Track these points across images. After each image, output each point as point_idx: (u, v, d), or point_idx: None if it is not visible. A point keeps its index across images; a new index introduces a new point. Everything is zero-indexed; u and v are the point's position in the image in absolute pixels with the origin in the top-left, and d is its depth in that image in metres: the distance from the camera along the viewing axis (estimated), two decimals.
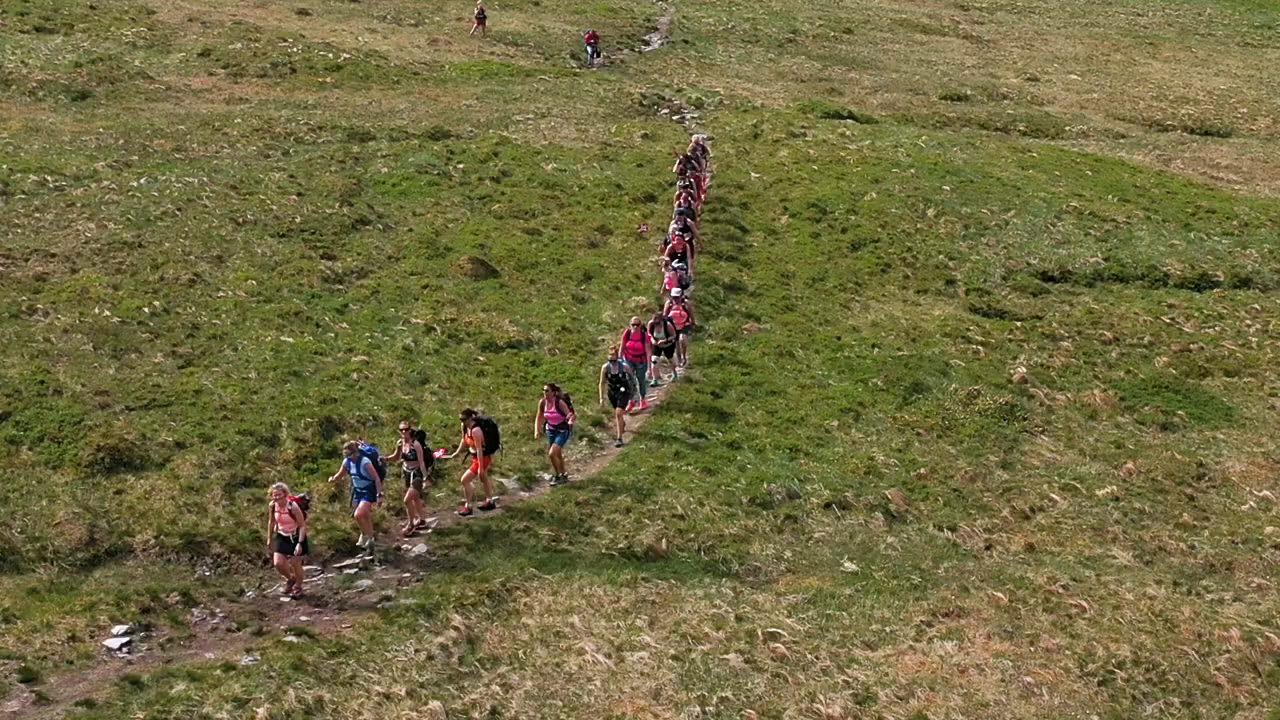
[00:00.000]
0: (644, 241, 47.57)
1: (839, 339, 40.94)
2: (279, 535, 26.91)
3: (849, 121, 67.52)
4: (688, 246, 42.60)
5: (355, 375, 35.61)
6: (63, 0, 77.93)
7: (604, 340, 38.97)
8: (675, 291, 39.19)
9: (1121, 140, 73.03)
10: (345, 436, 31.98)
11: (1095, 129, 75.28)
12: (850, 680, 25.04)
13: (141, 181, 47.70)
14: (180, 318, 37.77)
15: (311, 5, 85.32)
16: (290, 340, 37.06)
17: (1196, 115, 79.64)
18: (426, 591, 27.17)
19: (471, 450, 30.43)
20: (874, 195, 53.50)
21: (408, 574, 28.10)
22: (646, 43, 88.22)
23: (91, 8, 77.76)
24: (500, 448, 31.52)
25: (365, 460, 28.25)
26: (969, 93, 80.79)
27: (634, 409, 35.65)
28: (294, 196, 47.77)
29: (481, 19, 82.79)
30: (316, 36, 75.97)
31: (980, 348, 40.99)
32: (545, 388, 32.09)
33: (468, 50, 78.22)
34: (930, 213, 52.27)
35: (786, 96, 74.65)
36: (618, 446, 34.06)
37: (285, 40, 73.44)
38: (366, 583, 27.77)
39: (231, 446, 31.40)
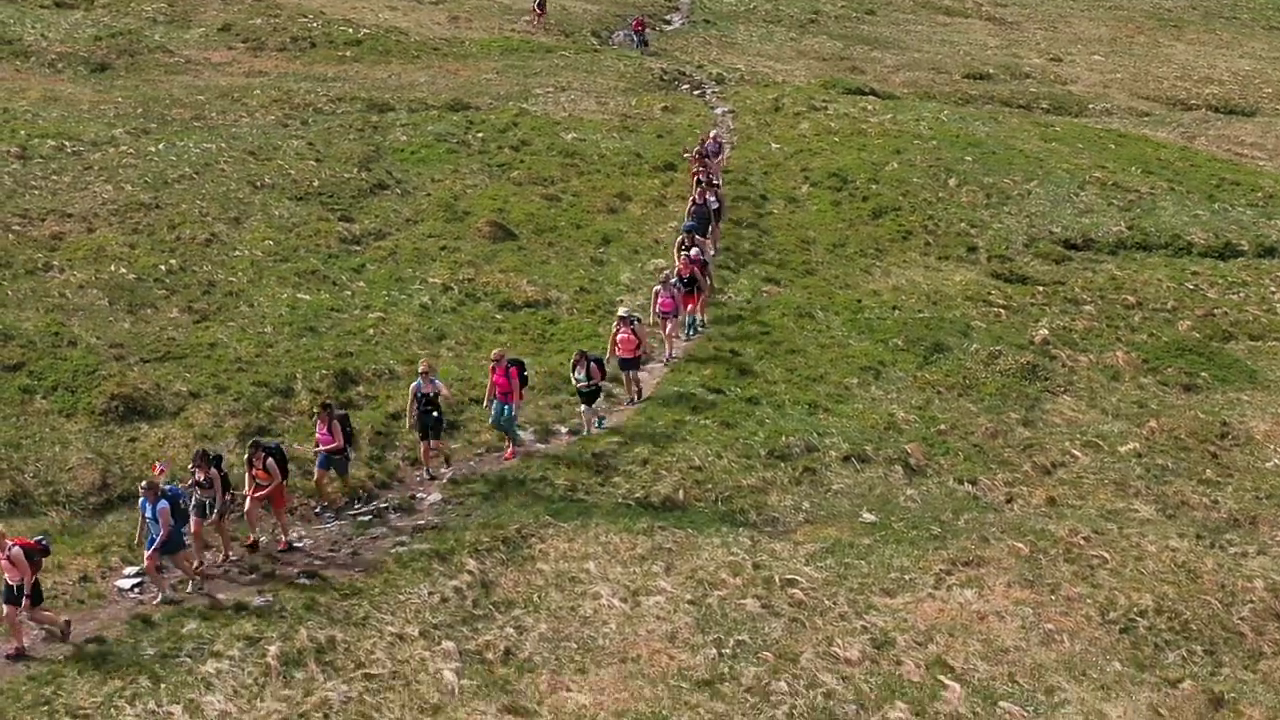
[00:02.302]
0: (663, 208, 47.23)
1: (859, 301, 40.59)
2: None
3: (870, 97, 67.12)
4: (697, 270, 37.50)
5: (371, 331, 35.45)
6: None
7: (622, 301, 38.61)
8: (623, 311, 34.64)
9: (1145, 118, 72.47)
10: (360, 389, 31.78)
11: (1119, 107, 74.75)
12: (868, 625, 24.78)
13: (159, 147, 47.56)
14: (196, 275, 37.64)
15: None
16: (306, 297, 36.91)
17: (1221, 95, 78.95)
18: (440, 537, 26.98)
19: (260, 482, 26.35)
20: (895, 165, 53.09)
21: (422, 522, 27.89)
22: (668, 22, 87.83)
23: None
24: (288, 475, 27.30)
25: (163, 504, 24.37)
26: (991, 71, 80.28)
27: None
28: (312, 162, 47.59)
29: (542, 7, 79.73)
30: (336, 13, 75.74)
31: (1002, 310, 40.60)
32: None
33: (488, 27, 77.96)
34: (952, 182, 51.84)
35: (808, 74, 74.28)
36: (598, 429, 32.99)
37: (305, 16, 73.22)
38: (380, 530, 27.54)
39: (246, 397, 31.24)
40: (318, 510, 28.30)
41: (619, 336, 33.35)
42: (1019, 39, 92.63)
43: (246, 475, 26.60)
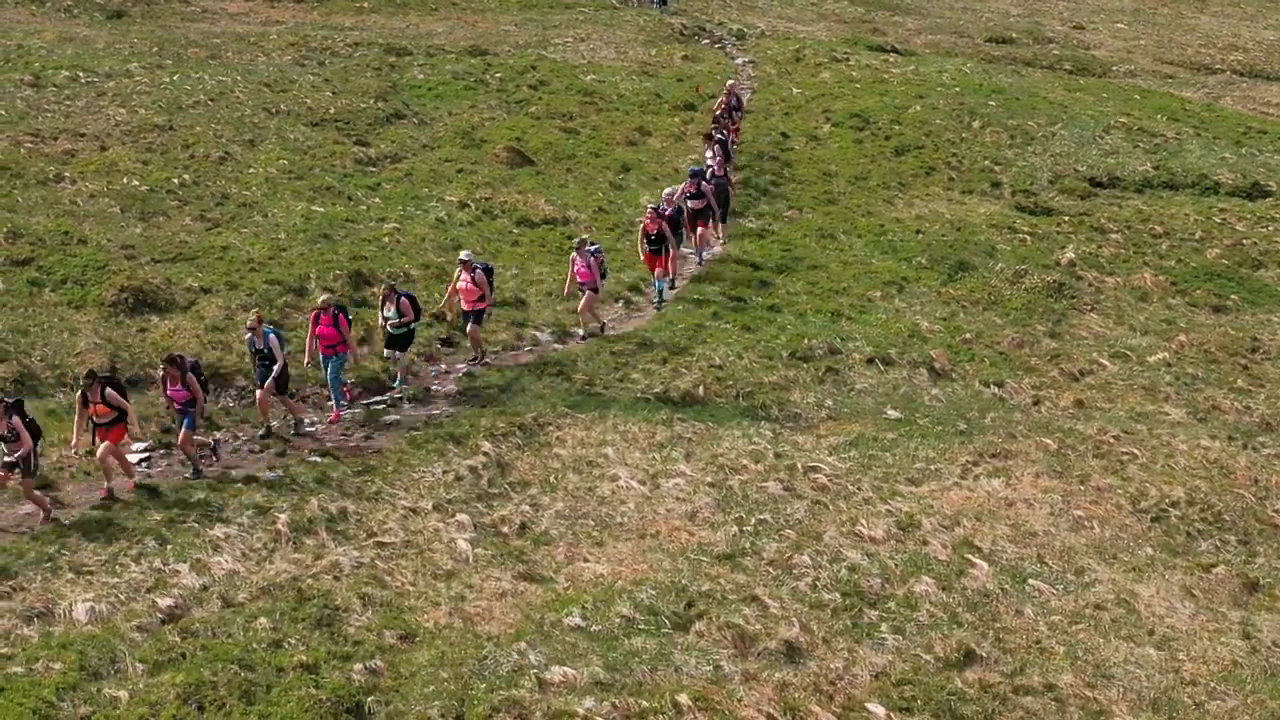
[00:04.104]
0: (683, 142, 46.61)
1: (882, 226, 39.96)
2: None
3: (892, 54, 66.48)
4: (665, 227, 33.56)
5: (387, 239, 34.90)
6: None
7: (641, 222, 37.96)
8: (464, 254, 29.85)
9: (1170, 80, 71.66)
10: (375, 290, 31.20)
11: (1142, 70, 73.90)
12: (893, 510, 24.12)
13: (174, 78, 47.08)
14: (209, 188, 37.14)
15: None
16: (321, 210, 36.37)
17: (1245, 61, 78.09)
18: (456, 422, 26.41)
19: (96, 420, 23.11)
20: (918, 108, 52.43)
21: (436, 411, 27.30)
22: None
23: None
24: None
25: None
26: (1014, 36, 79.46)
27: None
28: (328, 94, 47.11)
29: None
30: None
31: (1027, 237, 39.95)
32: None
33: None
34: (976, 124, 51.16)
35: (829, 35, 73.60)
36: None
37: None
38: (394, 417, 26.95)
39: (259, 293, 30.69)
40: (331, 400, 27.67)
41: (459, 284, 29.17)
42: (1042, 8, 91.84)
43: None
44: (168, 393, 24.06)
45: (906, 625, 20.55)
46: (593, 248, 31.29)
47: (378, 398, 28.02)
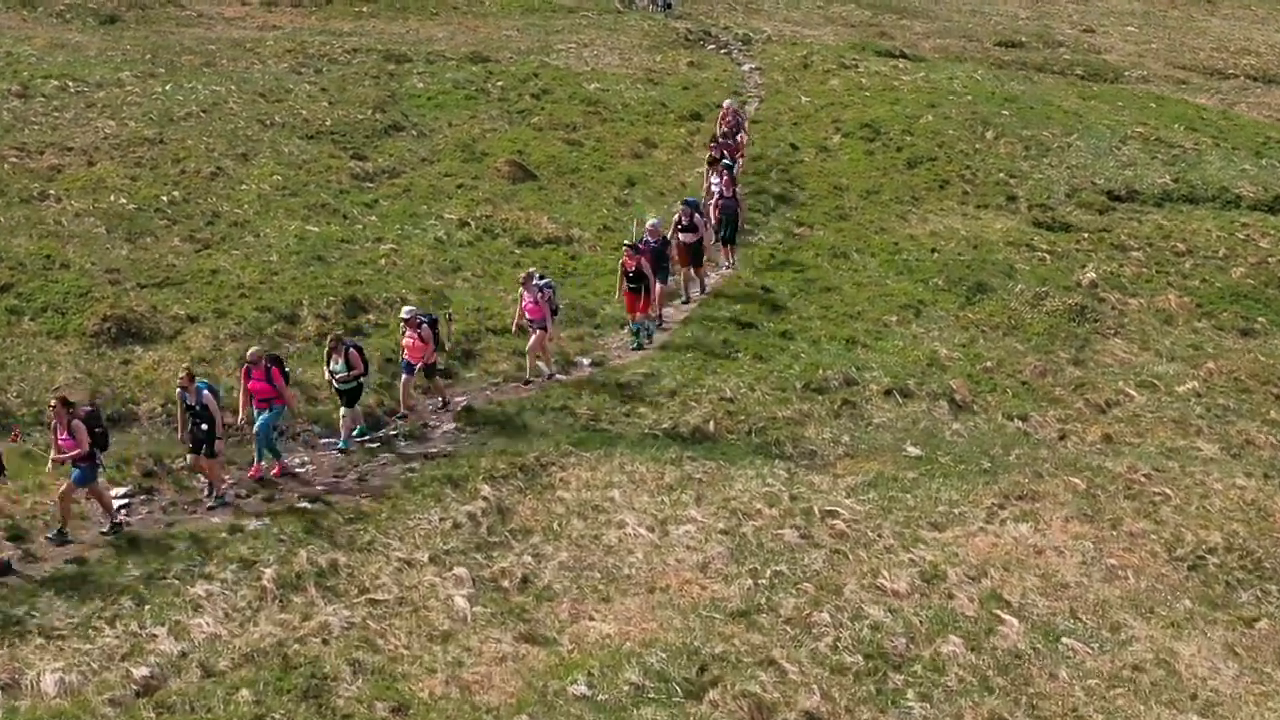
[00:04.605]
0: (689, 154, 45.28)
1: (896, 244, 38.62)
2: None
3: (901, 59, 65.15)
4: (645, 263, 31.01)
5: (383, 261, 33.60)
6: None
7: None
8: (406, 311, 27.54)
9: (1183, 86, 70.26)
10: (371, 317, 29.89)
11: (1155, 75, 72.47)
12: (916, 559, 22.83)
13: (166, 88, 45.73)
14: (200, 206, 35.82)
15: None
16: (315, 229, 35.05)
17: (1259, 66, 76.66)
18: (454, 464, 25.09)
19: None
20: (930, 118, 51.06)
21: (434, 449, 25.96)
22: None
23: None
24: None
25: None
26: (1024, 40, 78.01)
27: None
28: (325, 104, 45.73)
29: None
30: None
31: (1046, 255, 38.62)
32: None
33: None
34: (989, 135, 49.81)
35: (836, 39, 72.24)
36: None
37: None
38: (388, 457, 25.63)
39: (248, 321, 29.39)
40: (322, 437, 26.31)
41: (404, 340, 27.11)
42: (1051, 11, 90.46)
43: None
44: (58, 440, 22.05)
45: (934, 691, 19.29)
46: (542, 281, 29.01)
47: (373, 433, 26.64)
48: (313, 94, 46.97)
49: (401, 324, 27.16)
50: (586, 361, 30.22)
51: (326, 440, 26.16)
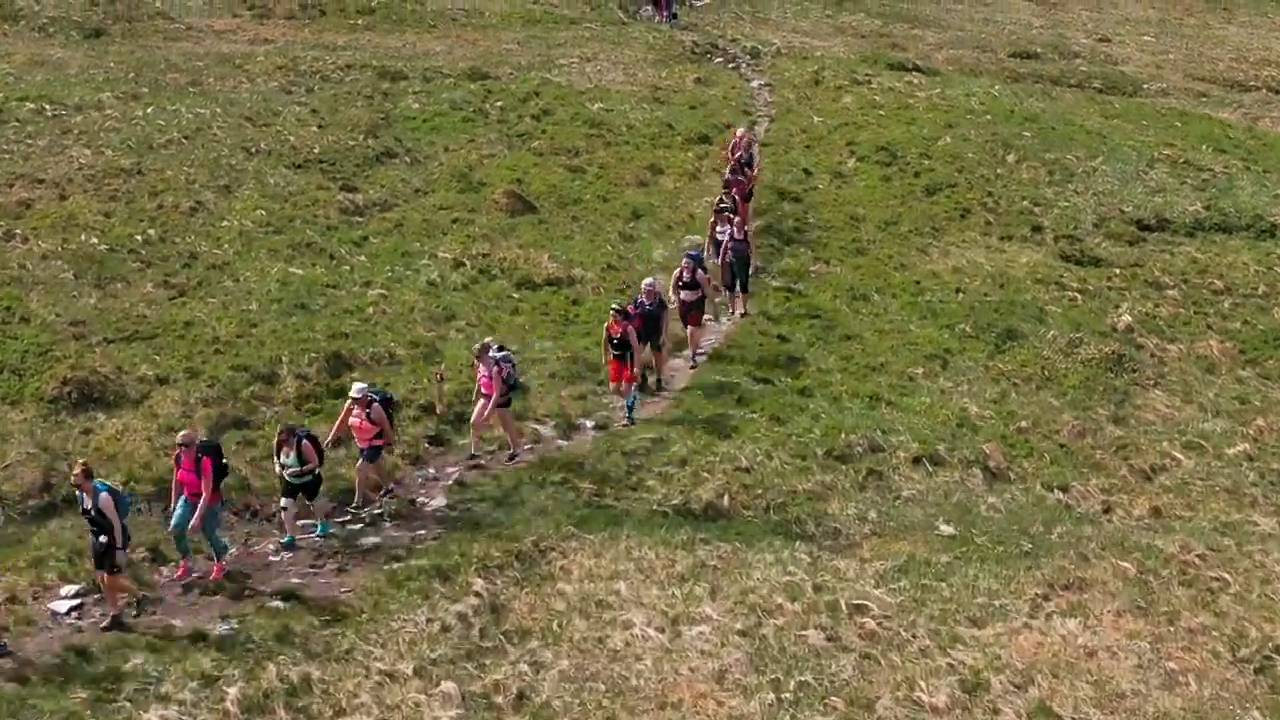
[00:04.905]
0: (698, 181, 43.03)
1: (918, 283, 36.34)
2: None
3: (915, 73, 62.88)
4: (630, 331, 28.26)
5: (371, 310, 31.30)
6: None
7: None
8: (356, 390, 24.43)
9: (1204, 99, 67.96)
10: (355, 374, 27.61)
11: (1174, 87, 70.12)
12: (955, 664, 20.59)
13: (147, 111, 43.45)
14: (176, 246, 33.59)
15: None
16: (299, 272, 32.77)
17: None
18: (443, 551, 22.79)
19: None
20: (948, 140, 48.76)
21: (422, 531, 23.68)
22: None
23: None
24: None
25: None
26: (1039, 51, 75.64)
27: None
28: (314, 129, 43.44)
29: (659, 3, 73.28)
30: None
31: (1077, 295, 36.35)
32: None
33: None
34: (1011, 158, 47.52)
35: (847, 51, 69.95)
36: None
37: None
38: (373, 540, 23.35)
39: (222, 383, 27.11)
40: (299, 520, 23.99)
41: (351, 420, 24.21)
42: (1064, 20, 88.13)
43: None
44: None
45: None
46: (499, 354, 26.15)
47: (357, 514, 24.37)
48: (302, 117, 44.71)
49: (350, 402, 24.12)
50: (589, 424, 27.94)
51: (305, 523, 23.83)
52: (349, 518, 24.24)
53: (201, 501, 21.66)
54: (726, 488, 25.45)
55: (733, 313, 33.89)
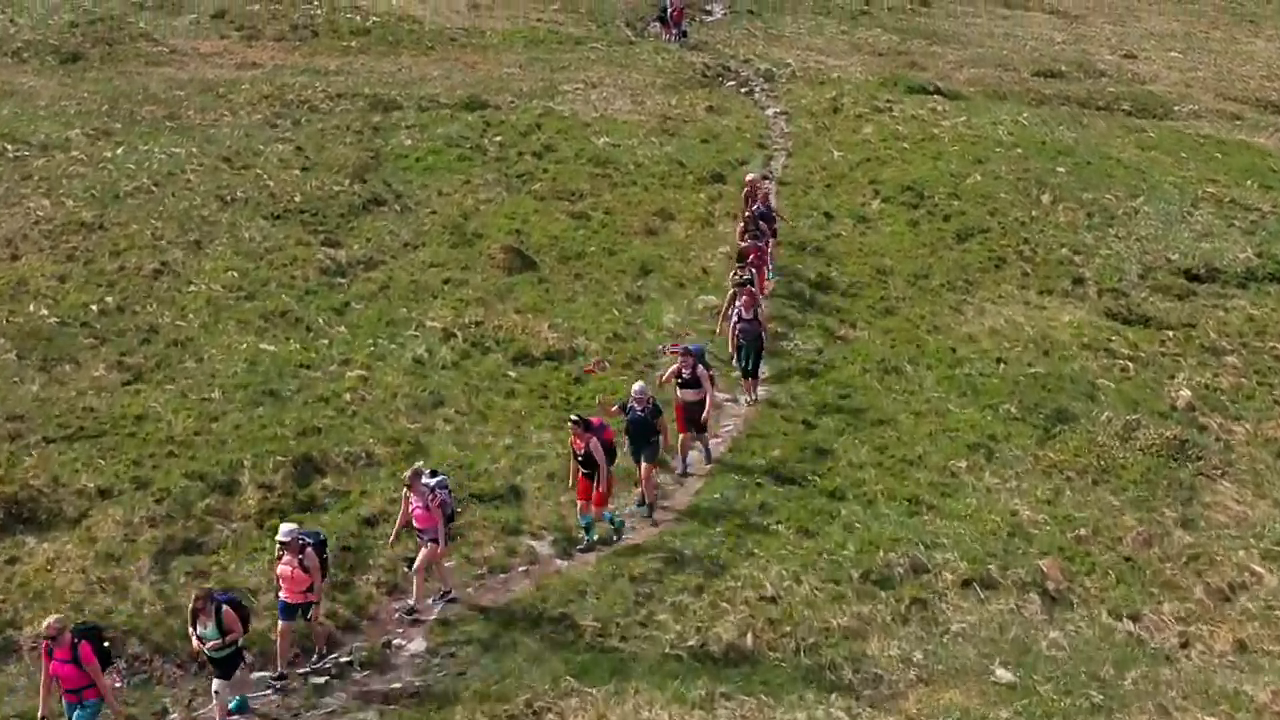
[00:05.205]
0: (711, 228, 39.81)
1: (954, 350, 33.08)
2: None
3: (937, 96, 59.62)
4: (595, 447, 24.28)
5: (348, 396, 27.97)
6: None
7: (665, 349, 31.16)
8: (284, 533, 20.64)
9: (1238, 122, 64.68)
10: (327, 481, 24.36)
11: (1206, 109, 66.86)
12: None
13: (118, 152, 40.23)
14: (136, 318, 30.34)
15: None
16: (271, 348, 29.51)
17: None
18: (422, 712, 19.49)
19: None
20: (978, 177, 45.55)
21: (398, 685, 20.38)
22: (708, 12, 79.97)
23: None
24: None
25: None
26: (1063, 69, 72.35)
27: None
28: (297, 171, 40.18)
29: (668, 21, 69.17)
30: None
31: (1129, 363, 33.12)
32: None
33: (512, 16, 70.44)
34: (1045, 198, 44.31)
35: (865, 70, 66.60)
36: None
37: (309, 1, 65.77)
38: (340, 697, 20.05)
39: (173, 496, 23.77)
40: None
41: (279, 569, 20.71)
42: (1087, 34, 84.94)
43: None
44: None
45: None
46: (433, 480, 22.47)
47: (320, 662, 21.07)
48: (285, 156, 41.49)
49: (278, 547, 20.55)
50: (593, 537, 24.61)
51: (259, 675, 20.55)
52: (310, 669, 20.86)
53: (100, 697, 18.28)
54: (750, 623, 22.16)
55: (748, 398, 30.44)
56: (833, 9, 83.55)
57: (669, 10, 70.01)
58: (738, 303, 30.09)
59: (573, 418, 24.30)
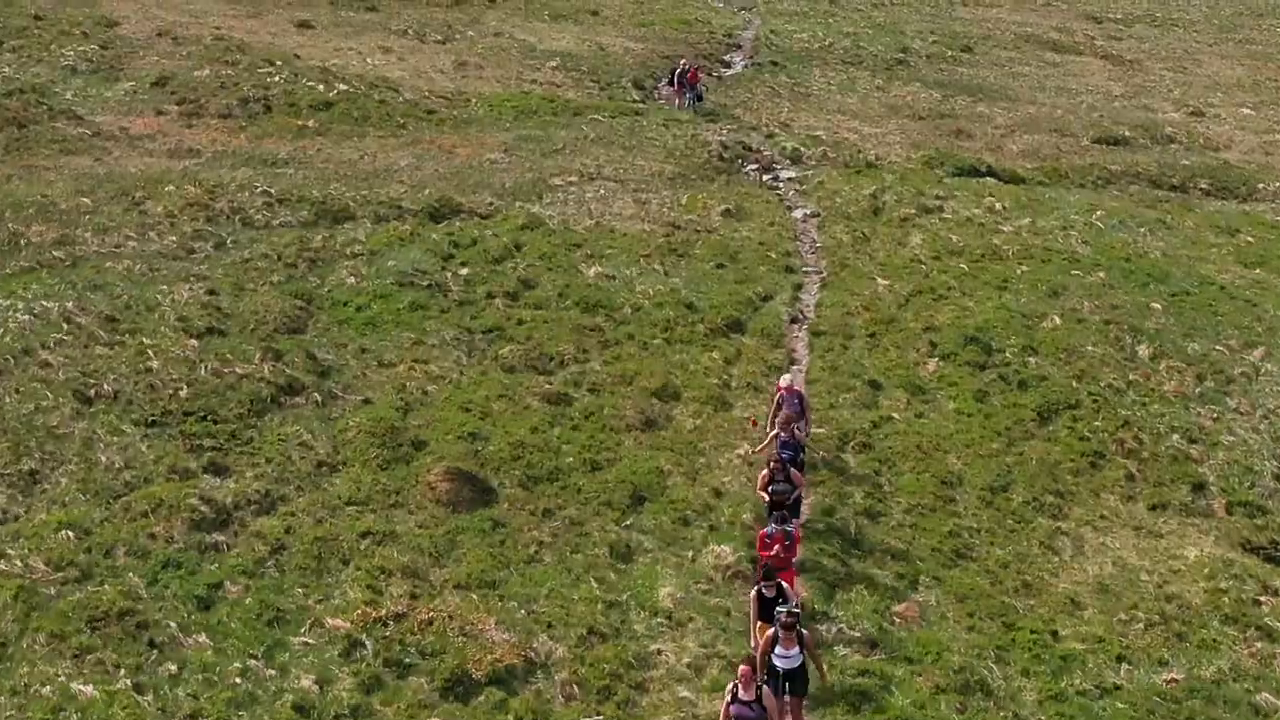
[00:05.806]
0: (726, 410, 31.07)
1: (1055, 636, 24.06)
2: None
3: (991, 182, 50.86)
4: None
5: None
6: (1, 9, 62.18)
7: (663, 653, 22.27)
8: None
9: None
10: None
11: None
12: None
13: None
14: None
15: (316, 16, 69.53)
16: (87, 692, 20.41)
17: None
18: None
19: None
20: (1057, 320, 36.80)
21: None
22: (727, 64, 71.48)
23: (36, 18, 61.87)
24: None
25: None
26: (1127, 134, 63.59)
27: None
28: (194, 342, 31.21)
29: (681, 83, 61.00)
30: (314, 58, 60.03)
31: None
32: None
33: (502, 78, 61.84)
34: (1143, 351, 35.60)
35: (904, 140, 57.90)
36: None
37: (270, 65, 57.19)
38: None
39: None
40: None
41: None
42: (1146, 85, 76.16)
43: None
44: None
45: None
46: None
47: None
48: (187, 312, 32.74)
49: None
50: None
51: None
52: None
53: None
54: None
55: None
56: (865, 57, 75.24)
57: (681, 72, 61.06)
58: (776, 646, 20.84)
59: None
